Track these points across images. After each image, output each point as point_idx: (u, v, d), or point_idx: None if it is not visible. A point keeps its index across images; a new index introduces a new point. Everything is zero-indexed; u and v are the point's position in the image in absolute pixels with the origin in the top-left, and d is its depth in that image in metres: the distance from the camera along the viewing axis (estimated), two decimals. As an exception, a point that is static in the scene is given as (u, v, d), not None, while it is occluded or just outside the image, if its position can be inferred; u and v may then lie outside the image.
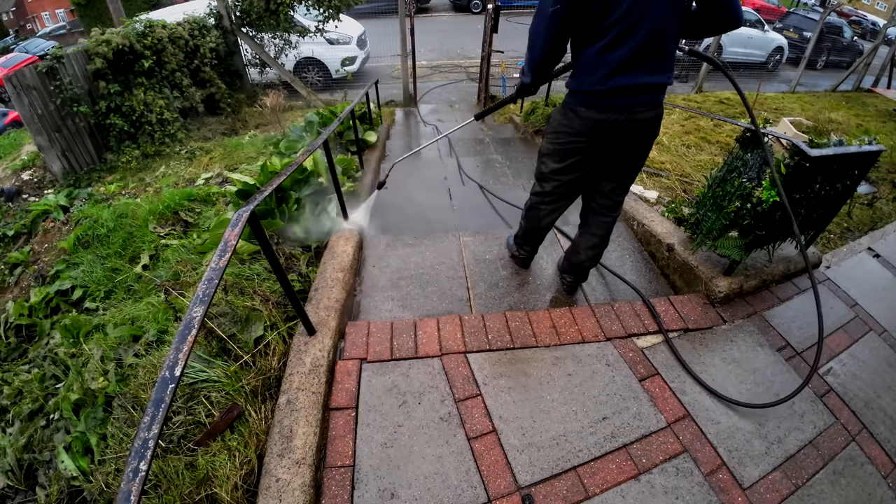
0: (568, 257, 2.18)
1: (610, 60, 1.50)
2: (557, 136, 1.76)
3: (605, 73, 1.52)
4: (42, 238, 4.12)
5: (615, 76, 1.52)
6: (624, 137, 1.66)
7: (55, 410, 2.09)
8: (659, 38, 1.46)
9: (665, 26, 1.45)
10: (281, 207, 2.65)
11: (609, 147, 1.71)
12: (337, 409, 1.62)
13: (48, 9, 25.06)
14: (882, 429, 1.78)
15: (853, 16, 16.81)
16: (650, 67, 1.51)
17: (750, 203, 1.98)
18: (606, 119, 1.60)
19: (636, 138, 1.68)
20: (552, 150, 1.82)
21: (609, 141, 1.67)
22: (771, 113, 6.09)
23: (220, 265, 1.11)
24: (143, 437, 0.77)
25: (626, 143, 1.69)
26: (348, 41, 8.06)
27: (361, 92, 4.24)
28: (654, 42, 1.46)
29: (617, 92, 1.55)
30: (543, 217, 2.04)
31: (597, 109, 1.61)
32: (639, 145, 1.72)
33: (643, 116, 1.60)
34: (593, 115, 1.62)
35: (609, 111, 1.59)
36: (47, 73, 4.39)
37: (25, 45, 15.52)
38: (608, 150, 1.72)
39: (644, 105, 1.59)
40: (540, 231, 2.15)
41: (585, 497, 1.43)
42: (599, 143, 1.69)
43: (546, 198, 1.97)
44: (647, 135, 1.69)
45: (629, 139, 1.67)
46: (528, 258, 2.41)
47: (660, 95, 1.62)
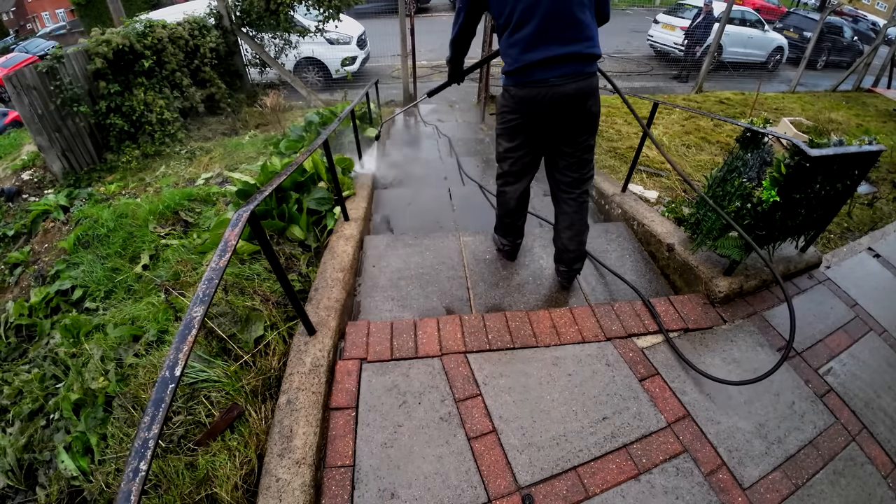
0: (554, 245, 2.22)
1: (519, 39, 1.65)
2: (501, 116, 1.92)
3: (518, 52, 1.68)
4: (42, 238, 4.12)
5: (526, 53, 1.66)
6: (552, 111, 1.74)
7: (55, 410, 2.09)
8: (561, 12, 1.58)
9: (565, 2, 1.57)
10: (281, 207, 2.65)
11: (543, 122, 1.80)
12: (337, 409, 1.63)
13: (48, 9, 25.07)
14: (882, 429, 1.78)
15: (853, 16, 16.80)
16: (562, 39, 1.62)
17: (750, 203, 1.98)
18: (530, 94, 1.72)
19: (566, 112, 1.75)
20: (501, 131, 1.98)
21: (540, 116, 1.77)
22: (771, 113, 6.09)
23: (220, 265, 1.11)
24: (143, 436, 0.77)
25: (557, 116, 1.77)
26: (348, 41, 8.06)
27: (361, 92, 4.24)
28: (558, 13, 1.58)
29: (531, 67, 1.67)
30: (510, 199, 2.17)
31: (520, 87, 1.74)
32: (573, 119, 1.79)
33: (566, 89, 1.68)
34: (519, 93, 1.76)
35: (530, 86, 1.71)
36: (47, 73, 4.39)
37: (25, 45, 15.53)
38: (544, 125, 1.82)
39: (565, 77, 1.67)
40: (512, 213, 2.24)
41: (585, 497, 1.43)
42: (533, 118, 1.79)
43: (507, 178, 2.12)
44: (577, 108, 1.75)
45: (558, 113, 1.75)
46: (513, 250, 2.45)
47: (582, 66, 1.68)
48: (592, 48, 1.67)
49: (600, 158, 4.24)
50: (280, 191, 2.74)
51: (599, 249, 2.66)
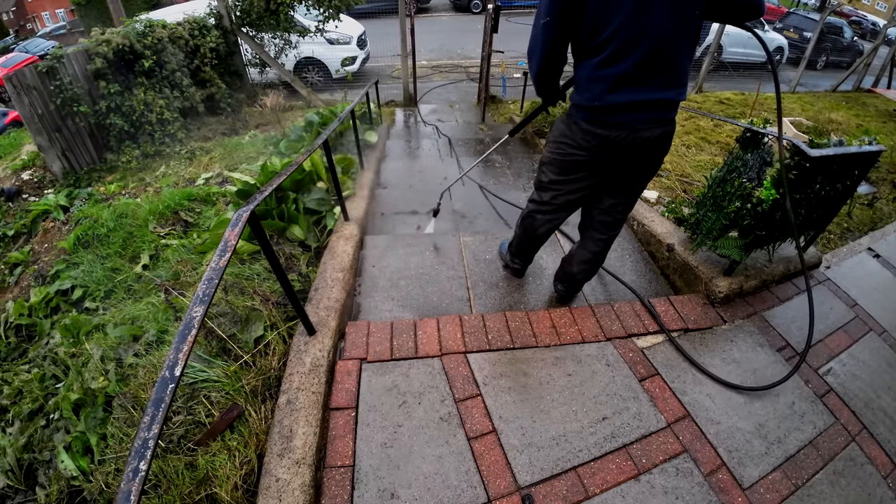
0: (562, 265, 2.14)
1: (608, 75, 1.41)
2: (559, 146, 1.69)
3: (604, 89, 1.44)
4: (42, 238, 4.12)
5: (614, 92, 1.43)
6: (627, 155, 1.57)
7: (55, 410, 2.09)
8: (665, 52, 1.36)
9: (672, 40, 1.35)
10: (281, 207, 2.65)
11: (612, 163, 1.62)
12: (337, 409, 1.62)
13: (48, 9, 25.08)
14: (882, 429, 1.78)
15: (853, 16, 16.81)
16: (656, 84, 1.41)
17: (750, 203, 1.98)
18: (608, 135, 1.52)
19: (641, 156, 1.59)
20: (552, 160, 1.74)
21: (611, 157, 1.59)
22: (771, 113, 6.09)
23: (220, 265, 1.11)
24: (143, 436, 0.77)
25: (630, 160, 1.60)
26: (348, 41, 8.06)
27: (362, 92, 4.24)
28: (659, 57, 1.36)
29: (616, 109, 1.46)
30: (539, 227, 1.97)
31: (598, 125, 1.52)
32: (644, 163, 1.63)
33: (648, 134, 1.50)
34: (594, 130, 1.54)
35: (610, 127, 1.50)
36: (47, 72, 4.39)
37: (26, 45, 15.52)
38: (611, 167, 1.64)
39: (648, 122, 1.48)
40: (535, 240, 2.08)
41: (585, 497, 1.43)
42: (601, 158, 1.60)
43: (543, 207, 1.89)
44: (654, 153, 1.59)
45: (633, 157, 1.58)
46: (522, 270, 2.34)
47: (669, 113, 1.51)
48: (682, 95, 1.49)
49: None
50: (280, 191, 2.74)
51: (600, 250, 2.66)
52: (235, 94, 6.51)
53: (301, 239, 2.59)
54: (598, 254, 1.96)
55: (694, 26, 1.37)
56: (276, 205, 2.67)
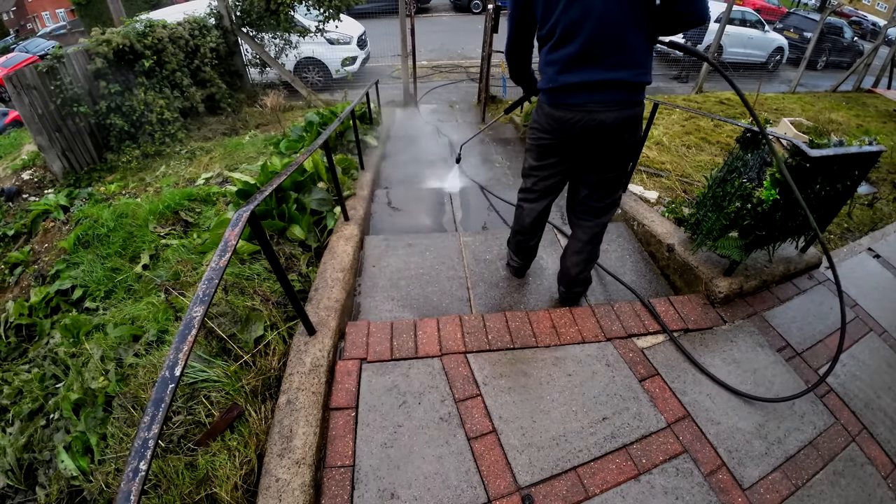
0: (560, 263, 2.16)
1: (559, 58, 1.51)
2: (532, 132, 1.80)
3: (556, 71, 1.53)
4: (42, 238, 4.12)
5: (565, 73, 1.51)
6: (587, 138, 1.61)
7: (55, 410, 2.09)
8: (611, 31, 1.40)
9: (615, 20, 1.39)
10: (281, 207, 2.65)
11: (576, 148, 1.68)
12: (337, 409, 1.62)
13: (48, 8, 25.08)
14: (882, 429, 1.78)
15: (853, 16, 16.81)
16: (607, 63, 1.46)
17: (750, 203, 1.98)
18: (565, 117, 1.59)
19: (601, 140, 1.60)
20: (530, 147, 1.86)
21: (574, 141, 1.64)
22: (771, 113, 6.09)
23: (220, 265, 1.11)
24: (143, 436, 0.77)
25: (592, 144, 1.63)
26: (348, 41, 8.06)
27: (362, 92, 4.24)
28: (604, 37, 1.41)
29: (569, 89, 1.53)
30: (526, 216, 2.04)
31: (556, 107, 1.61)
32: (608, 148, 1.64)
33: (604, 117, 1.53)
34: (554, 113, 1.62)
35: (566, 109, 1.58)
36: (48, 72, 4.39)
37: (26, 45, 15.53)
38: (577, 151, 1.70)
39: (604, 104, 1.52)
40: (525, 232, 2.11)
41: (585, 497, 1.43)
42: (566, 142, 1.67)
43: (528, 195, 1.99)
44: (612, 138, 1.59)
45: (593, 140, 1.61)
46: (522, 268, 2.35)
47: (626, 94, 1.52)
48: (640, 76, 1.48)
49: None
50: (280, 191, 2.74)
51: (600, 249, 2.66)
52: (236, 94, 6.52)
53: (301, 239, 2.59)
54: (588, 242, 1.97)
55: (640, 8, 1.40)
56: (276, 205, 2.67)
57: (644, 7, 1.41)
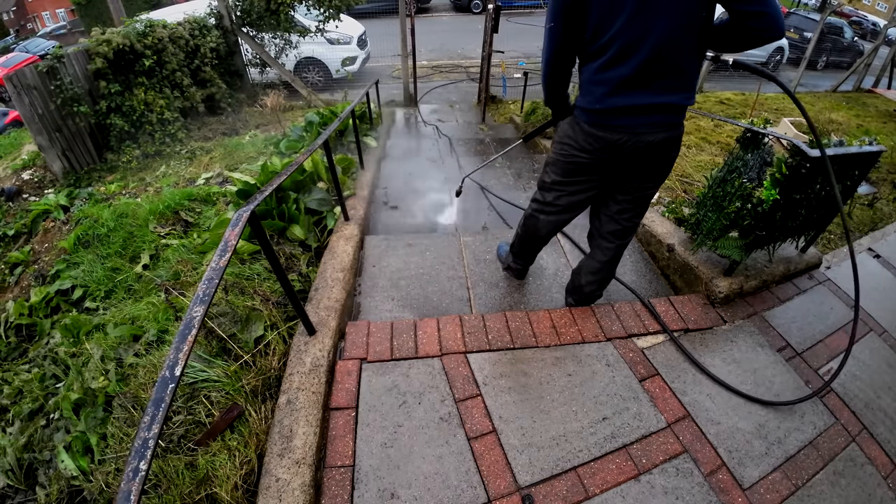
0: (572, 277, 2.11)
1: (610, 78, 1.41)
2: (562, 147, 1.67)
3: (605, 92, 1.44)
4: (42, 238, 4.12)
5: (615, 95, 1.43)
6: (630, 159, 1.55)
7: (55, 410, 2.09)
8: (667, 55, 1.34)
9: (674, 42, 1.32)
10: (281, 207, 2.65)
11: (615, 167, 1.61)
12: (337, 409, 1.62)
13: (48, 8, 25.09)
14: (882, 429, 1.78)
15: (854, 16, 16.81)
16: (659, 87, 1.39)
17: (750, 203, 1.98)
18: (609, 138, 1.51)
19: (645, 160, 1.56)
20: (555, 161, 1.72)
21: (614, 161, 1.57)
22: (771, 113, 6.09)
23: (220, 265, 1.11)
24: (143, 436, 0.77)
25: (634, 164, 1.58)
26: (349, 41, 8.06)
27: (362, 92, 4.24)
28: (661, 59, 1.34)
29: (618, 112, 1.45)
30: (542, 227, 1.94)
31: (599, 128, 1.51)
32: (649, 168, 1.60)
33: (651, 139, 1.48)
34: (596, 133, 1.52)
35: (611, 131, 1.49)
36: (48, 72, 4.39)
37: (26, 45, 15.53)
38: (614, 171, 1.63)
39: (651, 126, 1.46)
40: (537, 241, 2.06)
41: (585, 497, 1.43)
42: (604, 161, 1.59)
43: (547, 208, 1.86)
44: (659, 158, 1.56)
45: (637, 161, 1.56)
46: (523, 271, 2.33)
47: (674, 117, 1.47)
48: (688, 100, 1.45)
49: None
50: (280, 191, 2.74)
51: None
52: (236, 94, 6.52)
53: (301, 239, 2.59)
54: (607, 263, 1.92)
55: (699, 29, 1.34)
56: (276, 205, 2.67)
57: (703, 29, 1.34)
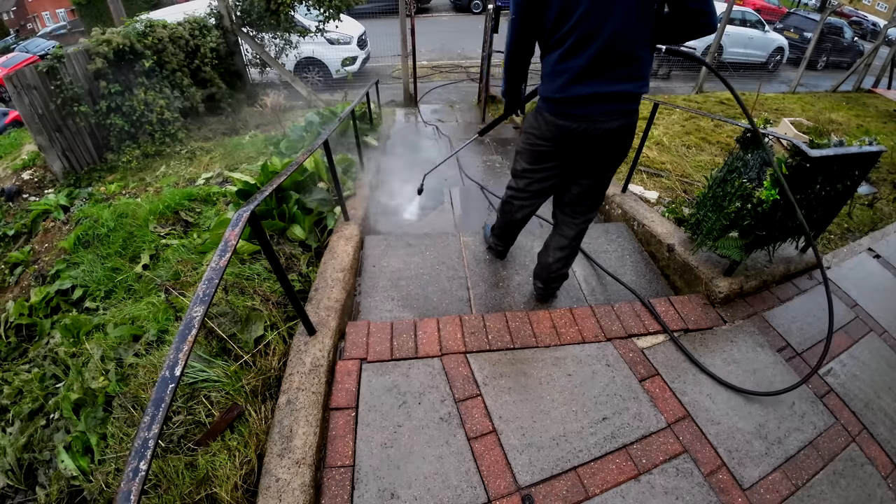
0: (539, 259, 2.16)
1: (569, 68, 1.49)
2: (528, 136, 1.79)
3: (564, 82, 1.52)
4: (42, 238, 4.12)
5: (574, 84, 1.50)
6: (589, 146, 1.64)
7: (55, 410, 2.09)
8: (622, 45, 1.42)
9: (629, 32, 1.41)
10: (281, 207, 2.65)
11: (575, 154, 1.70)
12: (337, 409, 1.62)
13: (48, 8, 25.09)
14: (882, 429, 1.78)
15: (854, 16, 16.81)
16: (614, 76, 1.48)
17: (750, 203, 1.98)
18: (568, 126, 1.60)
19: (603, 147, 1.66)
20: (524, 150, 1.84)
21: (574, 148, 1.67)
22: (771, 113, 6.09)
23: (220, 265, 1.11)
24: (143, 436, 0.77)
25: (593, 151, 1.67)
26: (349, 41, 8.05)
27: (362, 92, 4.24)
28: (616, 49, 1.42)
29: (577, 101, 1.53)
30: (516, 212, 2.06)
31: (560, 116, 1.60)
32: (607, 153, 1.70)
33: (608, 126, 1.57)
34: (556, 122, 1.62)
35: (571, 119, 1.58)
36: (48, 72, 4.39)
37: (26, 45, 15.52)
38: (575, 157, 1.72)
39: (608, 115, 1.56)
40: (514, 224, 2.17)
41: (585, 497, 1.43)
42: (565, 149, 1.69)
43: (519, 194, 1.99)
44: (616, 143, 1.66)
45: (595, 147, 1.65)
46: (505, 252, 2.47)
47: (628, 104, 1.57)
48: (642, 87, 1.54)
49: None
50: (280, 191, 2.74)
51: (600, 250, 2.66)
52: (236, 94, 6.51)
53: (301, 239, 2.59)
54: (572, 239, 1.99)
55: (651, 20, 1.43)
56: (276, 205, 2.67)
57: (655, 21, 1.44)
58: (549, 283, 2.14)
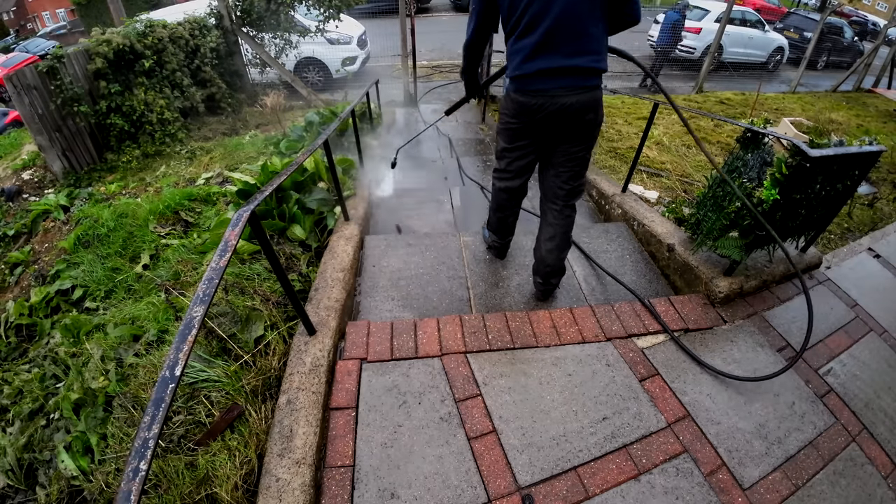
0: (534, 254, 2.18)
1: (524, 46, 1.63)
2: (501, 116, 1.93)
3: (521, 59, 1.65)
4: (42, 238, 4.12)
5: (529, 61, 1.63)
6: (551, 122, 1.73)
7: (55, 410, 2.09)
8: (571, 21, 1.54)
9: (577, 12, 1.54)
10: (281, 207, 2.65)
11: (540, 131, 1.80)
12: (337, 408, 1.62)
13: (48, 8, 25.09)
14: (882, 429, 1.78)
15: (854, 16, 16.80)
16: (566, 51, 1.58)
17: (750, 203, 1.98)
18: (530, 102, 1.70)
19: (565, 123, 1.73)
20: (500, 130, 1.98)
21: (538, 124, 1.76)
22: (771, 113, 6.09)
23: (220, 265, 1.11)
24: (143, 436, 0.77)
25: (555, 127, 1.75)
26: (349, 41, 8.05)
27: (362, 92, 4.24)
28: (566, 25, 1.54)
29: (534, 77, 1.65)
30: (503, 192, 2.15)
31: (522, 93, 1.73)
32: (571, 131, 1.77)
33: (566, 101, 1.66)
34: (520, 99, 1.74)
35: (531, 95, 1.69)
36: (48, 72, 4.39)
37: (26, 45, 15.51)
38: (541, 134, 1.82)
39: (564, 89, 1.64)
40: (503, 208, 2.24)
41: (585, 497, 1.43)
42: (532, 126, 1.79)
43: (502, 175, 2.10)
44: (576, 120, 1.72)
45: (557, 124, 1.74)
46: (503, 248, 2.47)
47: (585, 80, 1.65)
48: (597, 62, 1.63)
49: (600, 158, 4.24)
50: (280, 191, 2.74)
51: (600, 249, 2.66)
52: (236, 94, 6.51)
53: (301, 239, 2.59)
54: (559, 227, 2.02)
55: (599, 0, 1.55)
56: (276, 205, 2.67)
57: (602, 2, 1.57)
58: (548, 277, 2.14)
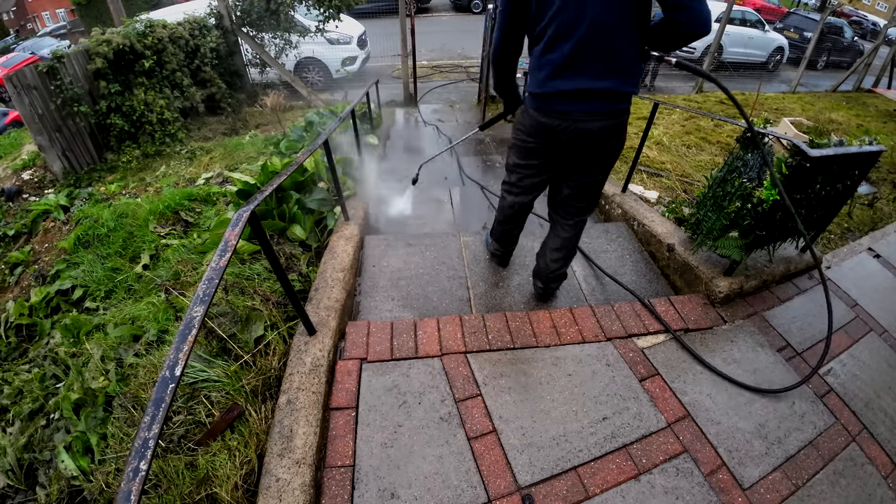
0: (537, 259, 2.16)
1: (550, 61, 1.45)
2: (517, 132, 1.78)
3: (545, 76, 1.48)
4: (42, 238, 4.12)
5: (553, 79, 1.47)
6: (571, 146, 1.60)
7: (55, 410, 2.09)
8: (602, 38, 1.36)
9: (609, 25, 1.35)
10: (281, 207, 2.65)
11: (559, 153, 1.67)
12: (337, 408, 1.62)
13: (48, 8, 25.09)
14: (882, 429, 1.78)
15: (854, 16, 16.80)
16: (594, 71, 1.42)
17: (750, 203, 1.98)
18: (550, 124, 1.56)
19: (585, 148, 1.60)
20: (514, 145, 1.83)
21: (557, 147, 1.63)
22: (771, 113, 6.09)
23: (220, 265, 1.11)
24: (143, 436, 0.77)
25: (576, 151, 1.63)
26: (349, 41, 8.05)
27: (362, 92, 4.24)
28: (595, 43, 1.37)
29: (556, 97, 1.50)
30: (511, 206, 2.04)
31: (541, 113, 1.57)
32: (591, 155, 1.64)
33: (589, 126, 1.52)
34: (539, 118, 1.59)
35: (551, 116, 1.55)
36: (48, 72, 4.39)
37: (31, 45, 15.45)
38: (559, 156, 1.70)
39: (591, 114, 1.50)
40: (509, 221, 2.14)
41: (585, 497, 1.43)
42: (548, 146, 1.65)
43: (512, 188, 1.99)
44: (598, 146, 1.59)
45: (577, 148, 1.61)
46: (505, 256, 2.41)
47: (612, 104, 1.50)
48: (628, 86, 1.46)
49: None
50: (280, 191, 2.74)
51: (600, 249, 2.66)
52: (236, 94, 6.52)
53: (302, 239, 2.59)
54: (568, 241, 1.97)
55: (635, 13, 1.37)
56: (276, 205, 2.67)
57: (639, 15, 1.38)
58: (549, 282, 2.14)
